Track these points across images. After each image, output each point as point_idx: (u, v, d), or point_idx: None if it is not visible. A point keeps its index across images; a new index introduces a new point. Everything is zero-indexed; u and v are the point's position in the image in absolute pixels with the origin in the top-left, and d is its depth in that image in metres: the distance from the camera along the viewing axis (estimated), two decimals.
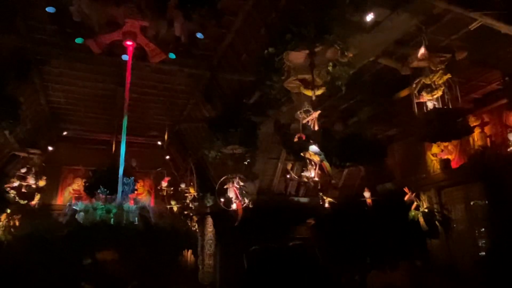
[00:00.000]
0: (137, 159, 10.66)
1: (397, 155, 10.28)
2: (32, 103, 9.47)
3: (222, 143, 8.02)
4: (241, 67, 7.84)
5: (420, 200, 8.24)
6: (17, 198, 9.92)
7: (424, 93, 5.46)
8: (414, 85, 5.53)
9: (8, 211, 10.22)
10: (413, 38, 5.89)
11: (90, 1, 5.48)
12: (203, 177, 11.51)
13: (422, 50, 5.12)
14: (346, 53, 4.94)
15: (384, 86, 7.49)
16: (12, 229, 10.24)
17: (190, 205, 10.97)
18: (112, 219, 5.24)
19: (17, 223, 10.36)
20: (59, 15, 5.85)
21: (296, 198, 10.64)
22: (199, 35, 6.01)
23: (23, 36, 6.95)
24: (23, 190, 9.93)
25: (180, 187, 11.22)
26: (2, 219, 10.16)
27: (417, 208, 8.02)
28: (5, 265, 8.91)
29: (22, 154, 9.86)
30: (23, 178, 9.99)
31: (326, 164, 4.96)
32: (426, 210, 7.98)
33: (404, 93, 6.85)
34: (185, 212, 11.21)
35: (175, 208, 11.41)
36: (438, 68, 5.32)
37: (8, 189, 9.80)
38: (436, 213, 8.19)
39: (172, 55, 6.62)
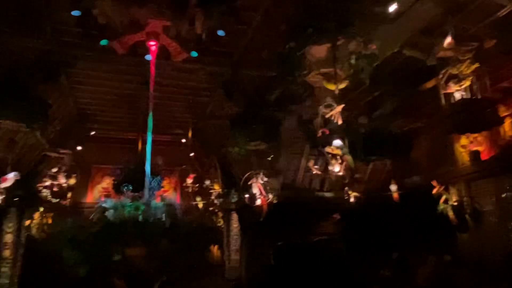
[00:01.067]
0: (163, 157, 10.81)
1: (424, 147, 10.03)
2: (61, 104, 9.76)
3: (245, 139, 8.07)
4: (262, 63, 7.82)
5: (449, 193, 8.05)
6: (49, 196, 10.27)
7: (451, 84, 5.32)
8: (440, 76, 5.39)
9: (41, 209, 10.61)
10: (438, 27, 5.72)
11: (113, 3, 5.60)
12: (227, 173, 11.59)
13: (448, 39, 4.98)
14: (369, 45, 4.87)
15: (409, 77, 7.32)
16: (45, 227, 10.63)
17: (215, 201, 11.07)
18: (140, 216, 5.37)
19: (49, 221, 10.75)
20: (84, 18, 6.01)
21: (320, 193, 10.58)
22: (219, 33, 6.05)
23: (51, 39, 7.15)
24: (55, 189, 10.26)
25: (205, 183, 11.34)
26: (35, 217, 10.56)
27: (445, 201, 7.84)
28: (39, 261, 9.28)
29: (53, 154, 10.17)
30: (54, 177, 10.32)
31: (348, 158, 4.90)
32: (455, 204, 7.80)
33: (430, 84, 6.68)
34: (210, 208, 11.33)
35: (200, 205, 11.54)
36: (465, 58, 5.16)
37: (41, 188, 10.17)
38: (466, 206, 7.98)
39: (194, 53, 6.70)
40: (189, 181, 11.42)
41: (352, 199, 9.66)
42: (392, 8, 4.76)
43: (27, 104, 6.94)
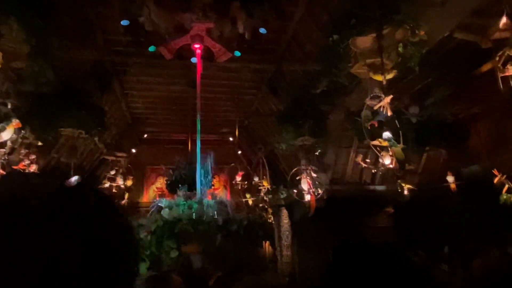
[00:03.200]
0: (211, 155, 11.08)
1: (483, 134, 9.45)
2: (115, 110, 10.30)
3: (292, 135, 8.06)
4: (306, 57, 7.76)
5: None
6: None
7: (509, 66, 4.96)
8: (497, 58, 5.04)
9: None
10: (492, 7, 5.36)
11: (158, 10, 5.81)
12: (275, 169, 11.64)
13: (503, 20, 4.64)
14: (417, 31, 4.66)
15: (462, 61, 6.93)
16: None
17: (265, 197, 11.16)
18: (194, 214, 5.55)
19: None
20: (132, 26, 6.30)
21: (372, 187, 10.31)
22: (261, 30, 6.09)
23: (103, 49, 7.57)
24: (114, 190, 10.87)
25: (253, 180, 11.47)
26: None
27: (509, 191, 7.35)
28: None
29: (110, 158, 10.77)
30: (112, 179, 10.92)
31: (395, 150, 4.73)
32: None
33: (486, 67, 6.28)
34: (260, 205, 11.45)
35: (250, 201, 11.68)
36: None
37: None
38: None
39: (237, 53, 6.80)
40: (238, 178, 11.57)
41: (405, 192, 9.32)
42: None
43: (85, 112, 7.40)
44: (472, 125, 8.71)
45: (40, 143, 7.05)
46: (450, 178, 8.83)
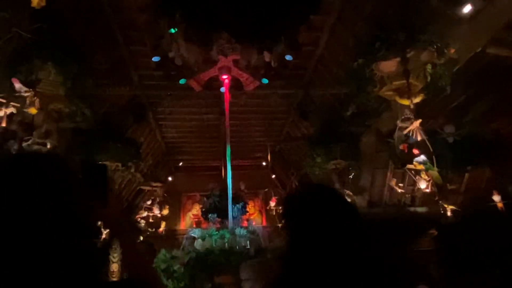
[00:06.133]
0: (245, 181, 11.09)
1: None
2: (151, 141, 10.64)
3: (323, 159, 7.95)
4: (334, 81, 7.73)
5: None
6: (147, 227, 11.13)
7: None
8: None
9: (141, 238, 11.50)
10: None
11: (187, 45, 6.02)
12: None
13: None
14: (445, 51, 4.53)
15: (498, 76, 6.64)
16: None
17: None
18: (226, 244, 5.55)
19: None
20: (163, 62, 6.54)
21: (412, 209, 9.88)
22: (287, 57, 6.14)
23: (137, 85, 7.91)
24: (151, 220, 11.09)
25: None
26: None
27: None
28: None
29: (147, 188, 11.05)
30: (149, 209, 11.17)
31: (433, 173, 4.53)
32: None
33: None
34: None
35: None
36: None
37: (139, 219, 11.06)
38: None
39: (265, 80, 6.88)
40: (272, 204, 11.48)
41: (448, 213, 8.86)
42: (467, 9, 4.39)
43: (121, 145, 7.68)
44: None
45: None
46: (496, 197, 8.31)
